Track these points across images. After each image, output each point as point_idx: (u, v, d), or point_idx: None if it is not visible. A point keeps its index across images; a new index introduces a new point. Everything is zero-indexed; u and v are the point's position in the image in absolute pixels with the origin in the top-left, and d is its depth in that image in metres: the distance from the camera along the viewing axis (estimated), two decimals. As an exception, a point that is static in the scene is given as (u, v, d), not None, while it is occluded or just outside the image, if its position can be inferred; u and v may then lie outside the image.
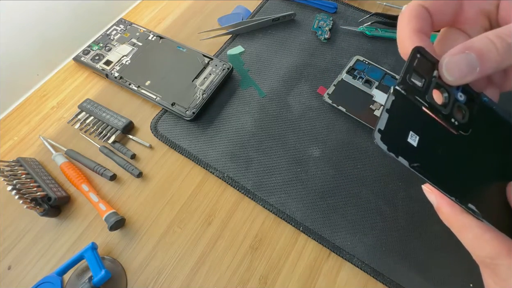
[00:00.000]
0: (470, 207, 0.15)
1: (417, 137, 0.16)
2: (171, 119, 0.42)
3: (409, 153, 0.15)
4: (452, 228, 0.17)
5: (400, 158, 0.15)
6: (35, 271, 0.34)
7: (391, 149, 0.15)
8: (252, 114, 0.42)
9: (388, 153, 0.15)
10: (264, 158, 0.38)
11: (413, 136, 0.16)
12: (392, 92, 0.16)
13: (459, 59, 0.16)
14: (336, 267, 0.33)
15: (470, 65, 0.15)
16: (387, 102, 0.16)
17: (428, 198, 0.18)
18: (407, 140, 0.15)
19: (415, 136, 0.16)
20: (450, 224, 0.17)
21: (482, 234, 0.15)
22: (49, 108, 0.45)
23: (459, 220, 0.16)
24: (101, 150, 0.40)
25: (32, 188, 0.35)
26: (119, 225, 0.35)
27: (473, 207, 0.15)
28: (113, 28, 0.50)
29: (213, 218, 0.36)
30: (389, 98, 0.16)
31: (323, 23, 0.48)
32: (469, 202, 0.15)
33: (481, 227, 0.15)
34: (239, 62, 0.46)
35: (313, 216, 0.35)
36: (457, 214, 0.16)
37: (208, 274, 0.33)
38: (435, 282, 0.31)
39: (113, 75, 0.45)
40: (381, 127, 0.15)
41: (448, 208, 0.16)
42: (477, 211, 0.15)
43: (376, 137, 0.15)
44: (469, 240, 0.16)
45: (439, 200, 0.17)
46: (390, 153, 0.15)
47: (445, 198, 0.16)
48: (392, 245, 0.33)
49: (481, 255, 0.15)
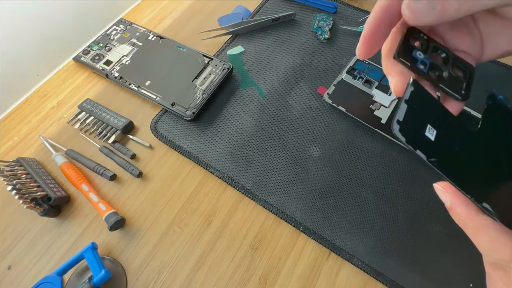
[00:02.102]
0: (485, 206, 0.15)
1: (434, 131, 0.16)
2: (171, 119, 0.42)
3: (427, 147, 0.15)
4: (466, 229, 0.16)
5: (418, 151, 0.15)
6: (35, 271, 0.34)
7: (409, 141, 0.15)
8: (252, 114, 0.42)
9: (406, 145, 0.15)
10: (264, 158, 0.38)
11: (430, 130, 0.16)
12: (411, 83, 0.16)
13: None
14: (336, 267, 0.33)
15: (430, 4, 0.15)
16: (406, 93, 0.16)
17: (440, 197, 0.17)
18: (425, 134, 0.15)
19: (433, 130, 0.16)
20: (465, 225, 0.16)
21: (499, 236, 0.15)
22: (49, 108, 0.45)
23: (475, 221, 0.15)
24: (101, 150, 0.40)
25: (32, 188, 0.35)
26: (119, 225, 0.35)
27: (488, 207, 0.15)
28: (113, 28, 0.50)
29: (213, 218, 0.36)
30: (408, 89, 0.16)
31: (323, 23, 0.48)
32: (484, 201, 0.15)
33: (497, 229, 0.15)
34: (239, 62, 0.46)
35: (313, 216, 0.35)
36: (473, 215, 0.15)
37: (208, 274, 0.33)
38: (435, 282, 0.31)
39: (113, 75, 0.45)
40: (400, 118, 0.15)
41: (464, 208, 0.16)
42: (492, 210, 0.15)
43: (395, 128, 0.15)
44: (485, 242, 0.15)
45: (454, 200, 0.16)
46: (409, 145, 0.15)
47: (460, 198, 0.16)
48: (392, 245, 0.33)
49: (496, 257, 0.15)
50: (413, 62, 0.17)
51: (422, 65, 0.17)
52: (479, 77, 0.40)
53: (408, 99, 0.16)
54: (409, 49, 0.17)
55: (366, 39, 0.18)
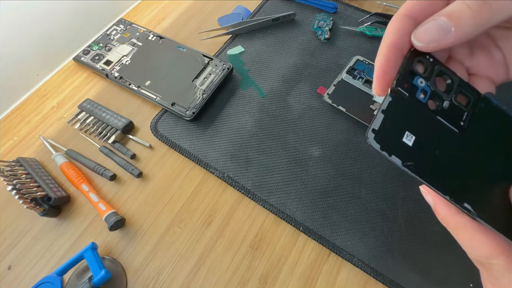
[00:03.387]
0: (466, 206, 0.15)
1: (413, 137, 0.15)
2: (171, 119, 0.42)
3: (403, 152, 0.15)
4: (448, 228, 0.17)
5: (393, 157, 0.15)
6: (35, 271, 0.34)
7: (384, 148, 0.15)
8: (252, 114, 0.42)
9: (380, 152, 0.15)
10: (264, 158, 0.38)
11: (408, 136, 0.15)
12: (389, 94, 0.16)
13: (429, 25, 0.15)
14: (336, 267, 0.33)
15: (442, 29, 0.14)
16: (384, 103, 0.16)
17: (425, 198, 0.18)
18: (402, 140, 0.15)
19: (411, 136, 0.15)
20: (447, 224, 0.17)
21: (477, 234, 0.15)
22: (49, 108, 0.45)
23: (455, 220, 0.16)
24: (101, 150, 0.40)
25: (32, 188, 0.35)
26: (119, 225, 0.35)
27: (468, 207, 0.15)
28: (113, 28, 0.50)
29: (213, 218, 0.36)
30: (386, 99, 0.16)
31: (323, 23, 0.48)
32: (465, 202, 0.15)
33: (476, 227, 0.15)
34: (239, 62, 0.46)
35: (313, 216, 0.35)
36: (453, 214, 0.16)
37: (208, 274, 0.33)
38: (435, 282, 0.31)
39: (113, 75, 0.45)
40: (376, 127, 0.15)
41: (445, 208, 0.16)
42: (472, 210, 0.15)
43: (370, 136, 0.15)
44: (464, 240, 0.16)
45: (436, 200, 0.17)
46: (383, 152, 0.15)
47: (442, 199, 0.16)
48: (392, 245, 0.33)
49: (476, 254, 0.16)
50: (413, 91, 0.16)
51: (423, 94, 0.16)
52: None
53: (385, 109, 0.15)
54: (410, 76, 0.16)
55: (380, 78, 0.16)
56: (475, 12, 0.14)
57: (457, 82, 0.17)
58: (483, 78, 0.18)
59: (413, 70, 0.16)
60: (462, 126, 0.17)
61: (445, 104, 0.17)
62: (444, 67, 0.17)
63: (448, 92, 0.17)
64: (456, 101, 0.17)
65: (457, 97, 0.17)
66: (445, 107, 0.17)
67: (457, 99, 0.17)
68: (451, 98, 0.17)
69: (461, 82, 0.17)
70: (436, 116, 0.16)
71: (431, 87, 0.16)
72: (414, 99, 0.16)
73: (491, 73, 0.18)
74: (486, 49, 0.18)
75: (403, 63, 0.16)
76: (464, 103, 0.17)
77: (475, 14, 0.14)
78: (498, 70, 0.18)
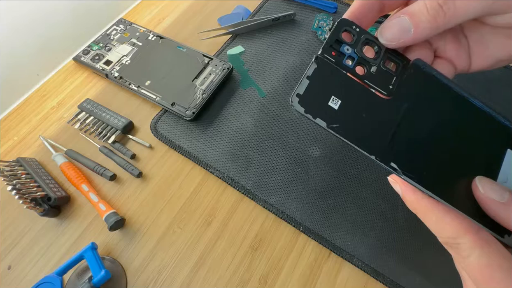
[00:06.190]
0: (392, 165, 0.16)
1: (339, 101, 0.16)
2: (171, 119, 0.42)
3: (328, 115, 0.16)
4: (417, 213, 0.17)
5: (317, 119, 0.16)
6: (35, 271, 0.34)
7: (308, 111, 0.15)
8: (252, 114, 0.42)
9: (305, 115, 0.15)
10: (264, 158, 0.38)
11: (334, 100, 0.16)
12: (314, 60, 0.16)
13: (393, 22, 0.16)
14: (336, 267, 0.33)
15: (403, 27, 0.16)
16: (309, 69, 0.16)
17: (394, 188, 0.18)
18: (327, 104, 0.16)
19: (337, 100, 0.16)
20: (415, 210, 0.17)
21: (444, 216, 0.16)
22: (49, 108, 0.45)
23: (422, 205, 0.16)
24: (101, 150, 0.40)
25: (32, 188, 0.35)
26: (119, 225, 0.35)
27: (394, 165, 0.16)
28: (113, 28, 0.50)
29: (213, 218, 0.36)
30: (311, 66, 0.16)
31: (323, 23, 0.48)
32: (391, 162, 0.16)
33: (442, 209, 0.16)
34: (239, 62, 0.46)
35: (313, 216, 0.35)
36: (420, 199, 0.16)
37: (208, 274, 0.33)
38: (435, 282, 0.31)
39: (113, 75, 0.45)
40: (300, 92, 0.16)
41: (412, 194, 0.16)
42: (398, 169, 0.16)
43: (294, 100, 0.16)
44: (432, 223, 0.16)
45: (404, 188, 0.17)
46: (307, 115, 0.15)
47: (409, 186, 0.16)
48: (392, 245, 0.33)
49: (444, 236, 0.16)
50: (340, 58, 0.17)
51: (350, 60, 0.17)
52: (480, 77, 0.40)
53: (310, 75, 0.16)
54: (338, 44, 0.17)
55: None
56: (432, 17, 0.15)
57: (384, 49, 0.17)
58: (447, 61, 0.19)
59: (340, 39, 0.17)
60: (391, 90, 0.17)
61: (372, 69, 0.17)
62: (370, 35, 0.17)
63: (376, 59, 0.17)
64: (384, 67, 0.17)
65: (386, 63, 0.17)
66: (373, 72, 0.17)
67: (385, 65, 0.17)
68: (379, 64, 0.17)
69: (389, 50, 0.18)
70: (364, 80, 0.17)
71: (358, 54, 0.17)
72: (341, 65, 0.17)
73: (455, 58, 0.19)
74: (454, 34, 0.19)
75: (330, 33, 0.17)
76: (393, 69, 0.17)
77: (431, 18, 0.15)
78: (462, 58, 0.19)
